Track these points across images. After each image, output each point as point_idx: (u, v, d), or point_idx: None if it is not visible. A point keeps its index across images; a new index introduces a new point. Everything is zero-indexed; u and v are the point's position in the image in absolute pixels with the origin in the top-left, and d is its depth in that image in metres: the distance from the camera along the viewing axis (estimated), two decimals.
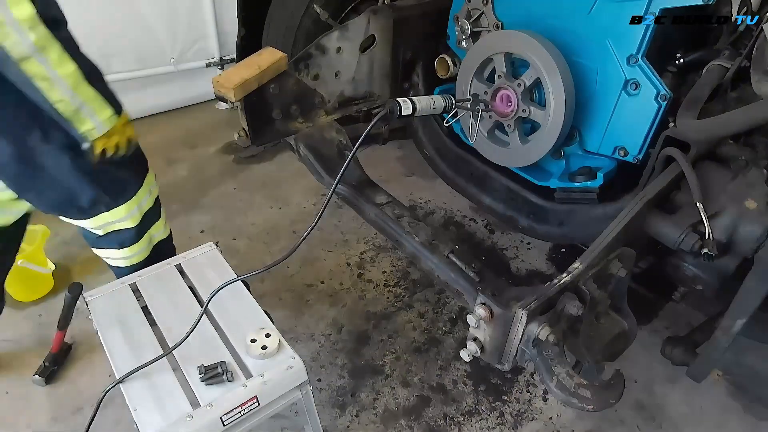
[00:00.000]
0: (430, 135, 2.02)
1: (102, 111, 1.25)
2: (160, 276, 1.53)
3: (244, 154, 2.94)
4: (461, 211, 2.63)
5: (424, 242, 1.47)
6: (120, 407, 1.40)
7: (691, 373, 1.33)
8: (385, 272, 2.27)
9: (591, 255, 1.10)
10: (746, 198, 1.15)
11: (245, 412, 1.20)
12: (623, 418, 1.76)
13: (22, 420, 1.69)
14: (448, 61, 1.90)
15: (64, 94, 1.17)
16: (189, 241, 2.32)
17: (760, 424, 1.75)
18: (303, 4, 2.09)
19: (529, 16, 1.60)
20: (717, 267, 1.20)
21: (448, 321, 2.07)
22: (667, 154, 1.26)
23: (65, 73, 1.15)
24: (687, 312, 2.08)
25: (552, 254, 2.39)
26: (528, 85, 1.52)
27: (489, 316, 1.08)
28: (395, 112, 1.29)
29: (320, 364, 1.90)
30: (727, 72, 1.38)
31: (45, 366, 1.79)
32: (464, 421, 1.74)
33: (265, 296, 2.12)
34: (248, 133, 1.65)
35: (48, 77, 1.13)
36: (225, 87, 1.51)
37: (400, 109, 1.28)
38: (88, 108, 1.22)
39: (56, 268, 2.10)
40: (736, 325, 1.17)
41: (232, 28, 2.53)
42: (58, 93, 1.16)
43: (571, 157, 1.66)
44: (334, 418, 1.73)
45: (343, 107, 1.87)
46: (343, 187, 1.69)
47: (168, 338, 1.34)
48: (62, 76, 1.15)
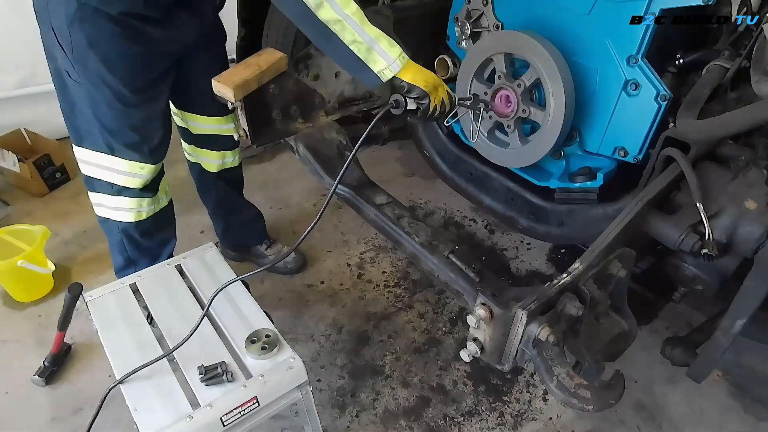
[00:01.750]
0: (430, 135, 2.02)
1: (392, 48, 1.23)
2: (160, 276, 1.53)
3: (244, 155, 2.93)
4: (461, 211, 2.63)
5: (424, 242, 1.47)
6: (120, 407, 1.40)
7: (691, 374, 1.33)
8: (385, 272, 2.27)
9: (591, 255, 1.10)
10: (746, 198, 1.15)
11: (245, 413, 1.20)
12: (623, 419, 1.76)
13: (22, 420, 1.69)
14: (448, 61, 1.90)
15: (355, 33, 1.19)
16: (189, 242, 2.32)
17: (760, 424, 1.75)
18: None
19: (529, 17, 1.60)
20: (717, 267, 1.20)
21: (448, 321, 2.07)
22: (667, 155, 1.26)
23: (351, 11, 1.17)
24: (687, 312, 2.08)
25: (552, 254, 2.39)
26: (528, 86, 1.53)
27: (489, 317, 1.08)
28: (400, 106, 1.28)
29: (320, 364, 1.90)
30: (727, 72, 1.38)
31: (45, 366, 1.79)
32: (464, 421, 1.74)
33: (265, 296, 2.12)
34: (248, 134, 1.65)
35: (340, 19, 1.17)
36: (225, 87, 1.50)
37: (405, 103, 1.28)
38: (378, 46, 1.22)
39: (56, 268, 2.10)
40: (736, 325, 1.17)
41: (232, 29, 2.52)
42: (350, 33, 1.18)
43: (571, 157, 1.66)
44: (334, 418, 1.73)
45: (343, 108, 1.86)
46: (343, 188, 1.69)
47: (168, 338, 1.34)
48: (350, 14, 1.17)
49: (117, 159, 1.59)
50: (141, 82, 1.50)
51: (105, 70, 1.41)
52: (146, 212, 1.73)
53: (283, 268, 2.22)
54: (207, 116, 1.82)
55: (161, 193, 1.78)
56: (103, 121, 1.51)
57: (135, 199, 1.68)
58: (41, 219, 2.43)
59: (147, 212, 1.73)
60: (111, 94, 1.46)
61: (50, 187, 2.70)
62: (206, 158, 1.95)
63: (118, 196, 1.66)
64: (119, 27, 1.37)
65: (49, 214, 2.54)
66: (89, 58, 1.40)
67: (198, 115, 1.82)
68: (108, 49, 1.39)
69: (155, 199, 1.74)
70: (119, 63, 1.42)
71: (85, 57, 1.40)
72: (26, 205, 2.61)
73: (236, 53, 2.45)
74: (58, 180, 2.72)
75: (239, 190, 2.15)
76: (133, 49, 1.42)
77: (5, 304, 2.09)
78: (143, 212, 1.72)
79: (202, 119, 1.82)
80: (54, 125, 2.54)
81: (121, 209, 1.69)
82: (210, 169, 1.98)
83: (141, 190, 1.67)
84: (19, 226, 2.16)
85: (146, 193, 1.70)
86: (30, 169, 2.57)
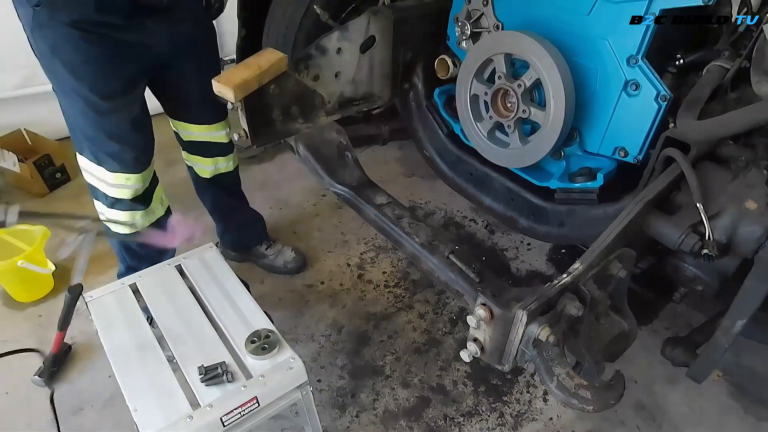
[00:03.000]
0: (430, 135, 2.02)
1: None
2: (160, 276, 1.53)
3: (244, 155, 2.94)
4: (461, 211, 2.63)
5: (424, 243, 1.47)
6: (120, 407, 1.40)
7: (691, 374, 1.33)
8: (385, 273, 2.27)
9: (591, 255, 1.10)
10: (746, 198, 1.15)
11: (245, 413, 1.20)
12: (623, 419, 1.76)
13: (22, 420, 1.69)
14: (448, 61, 1.90)
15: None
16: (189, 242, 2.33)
17: (760, 425, 1.75)
18: (303, 4, 2.08)
19: (529, 17, 1.60)
20: (717, 268, 1.20)
21: (448, 322, 2.07)
22: (667, 155, 1.26)
23: None
24: (687, 312, 2.08)
25: (552, 255, 2.39)
26: (528, 86, 1.52)
27: (489, 317, 1.08)
28: None
29: (320, 364, 1.90)
30: (727, 72, 1.38)
31: (45, 366, 1.79)
32: (464, 421, 1.74)
33: (265, 296, 2.12)
34: (248, 134, 1.65)
35: None
36: (225, 87, 1.50)
37: None
38: None
39: (56, 268, 2.10)
40: (736, 325, 1.17)
41: (232, 29, 2.52)
42: None
43: (571, 157, 1.66)
44: (334, 418, 1.73)
45: (343, 108, 1.86)
46: (343, 188, 1.69)
47: (168, 338, 1.34)
48: None
49: (103, 169, 1.57)
50: (109, 88, 1.44)
51: (71, 77, 1.37)
52: (141, 224, 1.72)
53: (283, 269, 2.22)
54: (196, 124, 1.79)
55: (155, 204, 1.75)
56: (83, 129, 1.49)
57: (128, 212, 1.67)
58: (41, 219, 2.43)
59: (142, 224, 1.72)
60: (82, 102, 1.42)
61: (50, 187, 2.70)
62: (199, 164, 1.93)
63: (112, 209, 1.66)
64: (78, 31, 1.32)
65: None
66: (55, 65, 1.36)
67: (187, 123, 1.79)
68: (70, 54, 1.34)
69: (149, 210, 1.73)
70: (83, 68, 1.37)
71: (52, 64, 1.36)
72: (26, 206, 2.61)
73: (236, 53, 2.45)
74: (58, 180, 2.73)
75: (236, 193, 2.13)
76: (96, 53, 1.37)
77: (5, 304, 2.09)
78: (137, 224, 1.71)
79: (191, 127, 1.80)
80: (54, 125, 2.54)
81: (116, 222, 1.68)
82: (203, 175, 1.96)
83: (132, 201, 1.65)
84: (19, 226, 2.16)
85: (138, 205, 1.68)
86: (30, 169, 2.58)
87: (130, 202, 1.65)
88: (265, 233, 2.25)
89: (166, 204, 1.84)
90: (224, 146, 1.87)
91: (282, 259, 2.22)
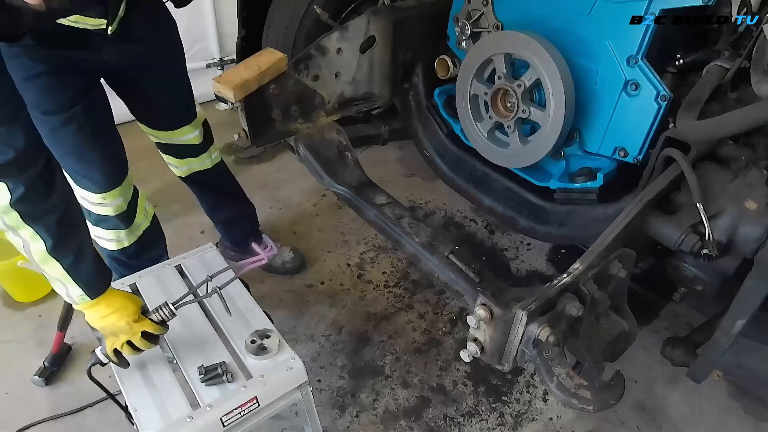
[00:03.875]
0: (430, 135, 2.02)
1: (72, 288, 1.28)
2: (160, 276, 1.53)
3: (244, 155, 2.94)
4: (461, 211, 2.63)
5: (424, 243, 1.47)
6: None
7: (691, 374, 1.33)
8: (385, 273, 2.27)
9: (591, 256, 1.10)
10: (746, 199, 1.15)
11: (245, 413, 1.20)
12: (623, 419, 1.76)
13: (22, 420, 1.69)
14: (448, 61, 1.90)
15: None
16: (189, 242, 2.33)
17: (760, 425, 1.75)
18: (303, 4, 2.09)
19: (529, 17, 1.60)
20: (717, 268, 1.20)
21: (448, 322, 2.07)
22: (667, 155, 1.26)
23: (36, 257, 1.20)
24: (687, 312, 2.08)
25: (552, 255, 2.39)
26: (528, 86, 1.52)
27: (489, 317, 1.08)
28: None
29: (320, 364, 1.90)
30: (727, 72, 1.38)
31: (45, 366, 1.79)
32: (464, 421, 1.74)
33: (265, 297, 2.12)
34: (248, 134, 1.65)
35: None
36: (225, 88, 1.51)
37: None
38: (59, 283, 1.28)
39: None
40: (736, 325, 1.17)
41: (232, 29, 2.53)
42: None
43: (571, 157, 1.66)
44: (334, 419, 1.73)
45: (343, 108, 1.86)
46: (343, 188, 1.69)
47: (168, 338, 1.34)
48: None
49: (80, 188, 1.55)
50: (56, 102, 1.39)
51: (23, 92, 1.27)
52: (128, 240, 1.71)
53: (281, 269, 2.22)
54: (161, 130, 1.75)
55: (139, 218, 1.74)
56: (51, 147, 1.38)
57: (113, 231, 1.67)
58: None
59: (129, 240, 1.72)
60: (38, 118, 1.36)
61: None
62: (172, 164, 1.89)
63: (97, 227, 1.65)
64: (20, 48, 1.28)
65: None
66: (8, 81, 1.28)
67: (152, 129, 1.75)
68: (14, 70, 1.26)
69: (133, 227, 1.72)
70: (26, 84, 1.32)
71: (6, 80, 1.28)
72: None
73: (236, 53, 2.45)
74: None
75: (220, 191, 2.05)
76: (40, 69, 1.33)
77: (5, 304, 2.09)
78: (124, 241, 1.71)
79: (157, 132, 1.76)
80: None
81: (102, 238, 1.68)
82: (178, 174, 1.92)
83: (117, 218, 1.64)
84: None
85: (121, 223, 1.66)
86: None
87: (115, 220, 1.64)
88: (256, 231, 2.22)
89: (151, 212, 1.83)
90: (195, 147, 1.82)
91: (280, 259, 2.22)
